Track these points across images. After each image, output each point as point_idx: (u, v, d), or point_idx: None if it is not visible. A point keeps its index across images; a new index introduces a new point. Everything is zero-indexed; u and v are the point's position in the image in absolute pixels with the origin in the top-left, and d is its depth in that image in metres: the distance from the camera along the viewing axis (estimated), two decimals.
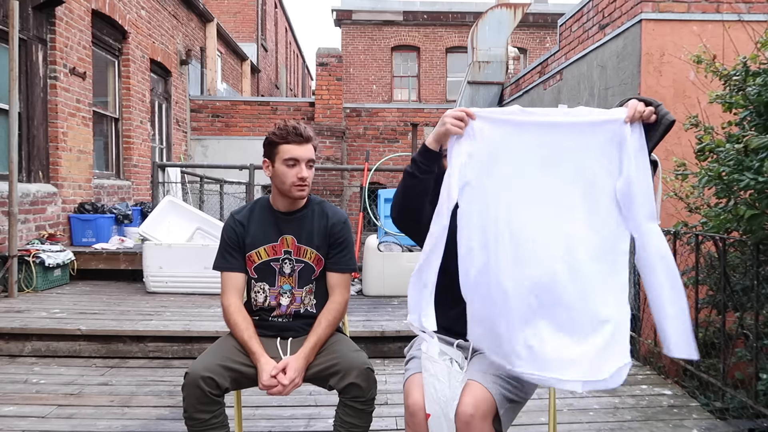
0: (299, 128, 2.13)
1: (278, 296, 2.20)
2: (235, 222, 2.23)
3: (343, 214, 2.29)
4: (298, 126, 2.14)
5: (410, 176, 1.86)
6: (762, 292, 2.94)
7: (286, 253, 2.19)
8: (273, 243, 2.19)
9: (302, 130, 2.13)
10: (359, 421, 2.03)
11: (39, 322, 4.11)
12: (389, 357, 3.93)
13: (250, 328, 2.10)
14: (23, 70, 5.86)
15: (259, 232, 2.20)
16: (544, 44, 17.96)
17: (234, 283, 2.18)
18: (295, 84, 28.93)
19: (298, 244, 2.19)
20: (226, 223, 2.26)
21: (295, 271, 2.20)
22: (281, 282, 2.20)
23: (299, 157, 2.11)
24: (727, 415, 3.05)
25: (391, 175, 11.56)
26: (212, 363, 1.99)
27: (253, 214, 2.24)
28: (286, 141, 2.11)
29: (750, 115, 3.09)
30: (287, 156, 2.11)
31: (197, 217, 5.73)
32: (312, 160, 2.16)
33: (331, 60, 11.61)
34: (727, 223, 3.13)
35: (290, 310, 2.20)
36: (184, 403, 1.95)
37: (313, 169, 2.18)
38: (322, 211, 2.24)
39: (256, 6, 18.07)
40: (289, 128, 2.13)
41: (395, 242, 5.29)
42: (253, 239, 2.19)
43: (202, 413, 1.94)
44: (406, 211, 1.93)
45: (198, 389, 1.92)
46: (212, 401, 1.94)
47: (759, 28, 3.45)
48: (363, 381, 1.99)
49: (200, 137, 11.59)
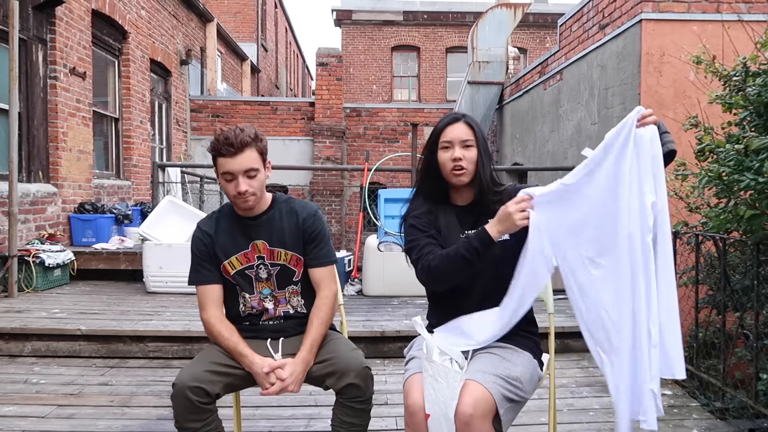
0: (230, 137, 1.96)
1: (260, 301, 2.15)
2: (202, 233, 2.13)
3: (312, 207, 2.20)
4: (230, 135, 1.96)
5: (468, 262, 1.82)
6: (762, 292, 2.93)
7: (259, 259, 2.13)
8: (245, 251, 2.12)
9: (233, 140, 1.95)
10: (359, 420, 2.01)
11: (39, 322, 4.11)
12: (389, 357, 3.93)
13: (234, 334, 2.04)
14: (23, 70, 5.86)
15: (228, 241, 2.12)
16: (544, 44, 17.96)
17: (211, 296, 2.10)
18: (295, 84, 28.93)
19: (271, 248, 2.12)
20: (194, 236, 2.16)
21: (272, 275, 2.14)
22: (260, 287, 2.15)
23: (233, 171, 1.98)
24: (727, 415, 3.05)
25: (391, 175, 11.58)
26: (198, 371, 1.94)
27: (220, 223, 2.15)
28: (220, 154, 1.98)
29: (750, 115, 3.09)
30: (222, 170, 2.00)
31: (197, 217, 5.70)
32: (253, 168, 2.00)
33: (331, 60, 11.61)
34: (727, 223, 3.13)
35: (279, 312, 2.17)
36: (174, 414, 1.92)
37: (258, 176, 2.02)
38: (290, 209, 2.16)
39: (256, 6, 18.07)
40: (220, 139, 1.97)
41: (395, 242, 5.29)
42: (223, 249, 2.11)
43: (192, 422, 1.91)
44: (449, 284, 1.93)
45: (186, 400, 1.88)
46: (201, 410, 1.90)
47: (759, 29, 3.45)
48: (361, 381, 1.97)
49: (200, 137, 11.59)
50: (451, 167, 1.94)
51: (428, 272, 1.88)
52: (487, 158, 1.97)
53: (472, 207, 2.02)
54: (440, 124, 1.99)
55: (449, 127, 1.97)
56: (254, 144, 2.00)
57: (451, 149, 1.95)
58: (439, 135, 1.98)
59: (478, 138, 1.96)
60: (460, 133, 1.95)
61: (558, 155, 7.02)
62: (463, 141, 1.94)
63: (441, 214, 2.02)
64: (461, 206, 2.04)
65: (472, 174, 1.96)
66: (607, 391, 3.35)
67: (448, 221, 2.01)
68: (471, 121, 1.99)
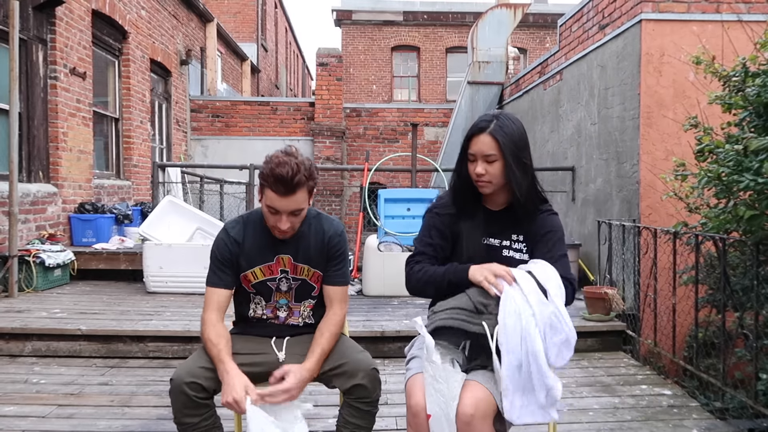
0: (285, 176, 1.89)
1: (275, 310, 2.18)
2: (229, 239, 2.11)
3: (339, 226, 2.21)
4: (284, 173, 1.89)
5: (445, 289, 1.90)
6: (762, 292, 2.94)
7: (282, 273, 2.13)
8: (269, 263, 2.12)
9: (287, 179, 1.89)
10: (363, 422, 2.02)
11: (39, 322, 4.12)
12: (389, 357, 3.93)
13: (221, 342, 2.00)
14: (23, 70, 5.86)
15: (255, 251, 2.11)
16: (544, 44, 17.96)
17: (217, 299, 2.09)
18: (295, 84, 28.93)
19: (295, 263, 2.13)
20: (219, 238, 2.14)
21: (292, 288, 2.17)
22: (277, 297, 2.17)
23: (279, 209, 1.97)
24: (726, 415, 3.06)
25: (391, 175, 11.58)
26: (195, 367, 1.96)
27: (248, 231, 2.13)
28: (270, 188, 1.94)
29: (749, 116, 3.09)
30: (268, 203, 1.98)
31: (197, 217, 5.73)
32: (299, 209, 1.99)
33: (331, 60, 11.61)
34: (727, 223, 3.13)
35: (288, 322, 2.19)
36: (172, 409, 1.94)
37: (302, 214, 2.02)
38: (318, 226, 2.16)
39: (256, 6, 18.07)
40: (276, 174, 1.90)
41: (395, 242, 5.29)
42: (248, 259, 2.10)
43: (190, 417, 1.92)
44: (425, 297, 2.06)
45: (183, 395, 1.90)
46: (199, 405, 1.92)
47: (758, 29, 3.46)
48: (369, 382, 1.99)
49: (200, 137, 11.59)
50: (475, 179, 1.94)
51: (409, 281, 2.00)
52: (520, 168, 1.88)
53: (504, 214, 1.99)
54: (469, 132, 1.93)
55: (474, 139, 1.91)
56: (306, 184, 1.97)
57: (474, 162, 1.92)
58: (468, 144, 1.94)
59: (504, 150, 1.86)
60: (482, 147, 1.89)
61: (558, 155, 7.03)
62: (485, 156, 1.88)
63: (466, 216, 2.00)
64: (492, 211, 2.02)
65: (498, 186, 1.93)
66: (607, 391, 3.37)
67: (473, 225, 1.99)
68: (497, 132, 1.87)
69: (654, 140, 4.80)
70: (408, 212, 5.48)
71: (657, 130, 4.80)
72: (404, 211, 5.49)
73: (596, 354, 4.12)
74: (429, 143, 11.74)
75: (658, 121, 4.81)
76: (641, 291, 4.29)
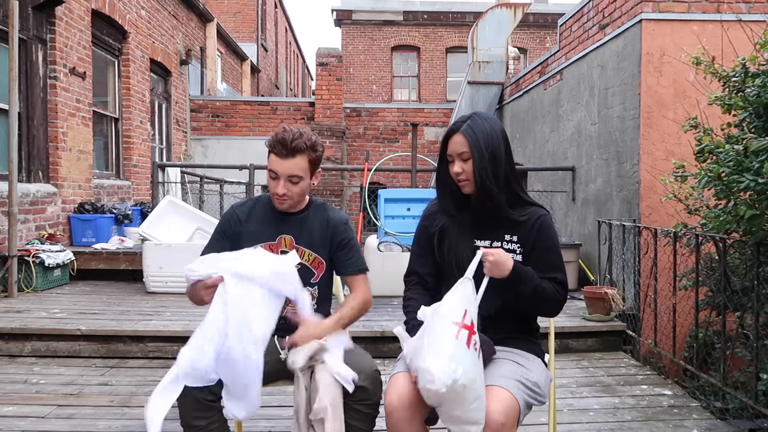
0: (286, 139, 1.99)
1: None
2: (234, 215, 2.20)
3: (343, 216, 2.26)
4: (287, 137, 1.99)
5: None
6: (762, 292, 2.94)
7: (282, 253, 2.15)
8: (270, 242, 2.16)
9: (288, 142, 1.99)
10: (363, 425, 2.02)
11: (39, 322, 4.12)
12: (389, 357, 3.93)
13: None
14: (23, 70, 5.86)
15: (258, 229, 2.17)
16: (544, 44, 17.95)
17: None
18: (295, 84, 28.93)
19: (296, 245, 2.17)
20: (225, 213, 2.24)
21: None
22: None
23: (278, 172, 2.03)
24: (727, 415, 3.06)
25: (391, 175, 11.58)
26: None
27: (254, 210, 2.21)
28: (272, 150, 2.03)
29: (749, 116, 3.09)
30: (270, 167, 2.05)
31: (197, 217, 5.73)
32: (297, 175, 2.04)
33: (331, 60, 11.61)
34: (727, 224, 3.13)
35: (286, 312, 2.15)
36: (179, 412, 1.93)
37: (301, 184, 2.07)
38: (323, 214, 2.21)
39: (256, 6, 18.07)
40: (278, 137, 2.00)
41: (395, 242, 5.29)
42: (250, 236, 2.15)
43: (198, 420, 1.91)
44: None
45: (191, 397, 1.89)
46: (207, 407, 1.91)
47: (758, 29, 3.45)
48: (370, 384, 1.99)
49: (200, 137, 11.59)
50: (455, 179, 1.95)
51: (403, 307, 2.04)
52: (491, 164, 1.87)
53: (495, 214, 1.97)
54: (444, 135, 1.97)
55: (450, 140, 1.94)
56: (307, 152, 2.03)
57: (452, 162, 1.94)
58: (445, 145, 1.96)
59: (472, 148, 1.88)
60: (456, 146, 1.92)
61: (558, 155, 7.02)
62: (459, 154, 1.91)
63: (454, 219, 2.00)
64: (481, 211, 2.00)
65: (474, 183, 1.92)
66: (607, 391, 3.36)
67: (461, 226, 1.98)
68: (467, 130, 1.89)
69: (654, 140, 4.80)
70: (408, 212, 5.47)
71: (657, 130, 4.80)
72: (404, 211, 5.48)
73: (596, 354, 4.12)
74: (429, 143, 11.74)
75: (658, 121, 4.81)
76: (641, 291, 4.29)
